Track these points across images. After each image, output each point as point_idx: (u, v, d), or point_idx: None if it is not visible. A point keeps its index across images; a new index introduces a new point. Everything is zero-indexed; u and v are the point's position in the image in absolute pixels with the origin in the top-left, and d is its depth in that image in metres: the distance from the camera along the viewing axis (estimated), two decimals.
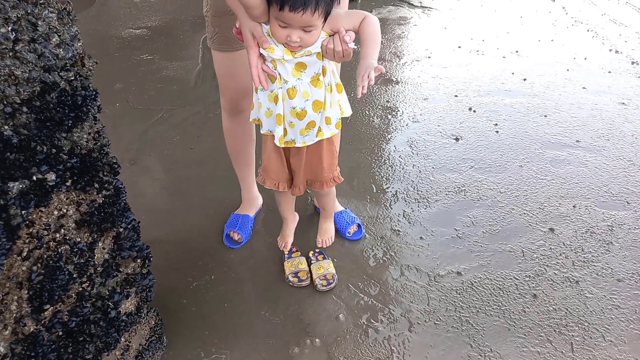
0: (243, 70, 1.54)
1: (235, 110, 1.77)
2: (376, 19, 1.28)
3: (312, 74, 1.31)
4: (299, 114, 1.34)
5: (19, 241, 0.92)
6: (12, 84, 0.85)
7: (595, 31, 3.93)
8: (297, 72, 1.30)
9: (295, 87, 1.31)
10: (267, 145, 1.49)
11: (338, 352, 1.58)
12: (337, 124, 1.43)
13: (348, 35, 1.24)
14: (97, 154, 1.07)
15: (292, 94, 1.31)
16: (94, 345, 1.19)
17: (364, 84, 1.20)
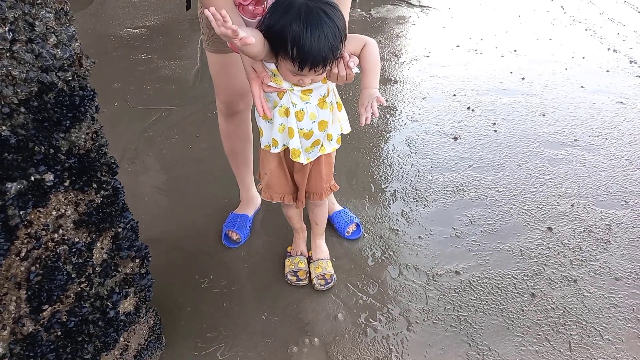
0: (238, 72, 1.55)
1: (232, 112, 1.77)
2: (376, 45, 1.32)
3: (318, 96, 1.35)
4: (306, 134, 1.39)
5: (17, 241, 0.92)
6: (10, 84, 0.85)
7: (593, 30, 3.93)
8: (305, 97, 1.34)
9: (303, 110, 1.35)
10: (269, 162, 1.52)
11: (337, 352, 1.58)
12: (338, 140, 1.50)
13: (352, 61, 1.27)
14: (95, 154, 1.07)
15: (300, 116, 1.35)
16: (93, 345, 1.19)
17: (368, 115, 1.26)
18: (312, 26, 1.11)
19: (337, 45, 1.16)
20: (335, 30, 1.14)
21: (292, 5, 1.12)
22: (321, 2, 1.14)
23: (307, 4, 1.13)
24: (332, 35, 1.13)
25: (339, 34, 1.16)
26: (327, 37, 1.12)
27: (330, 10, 1.14)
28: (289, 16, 1.12)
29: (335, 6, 1.18)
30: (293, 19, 1.11)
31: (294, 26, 1.11)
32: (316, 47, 1.12)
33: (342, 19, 1.19)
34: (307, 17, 1.11)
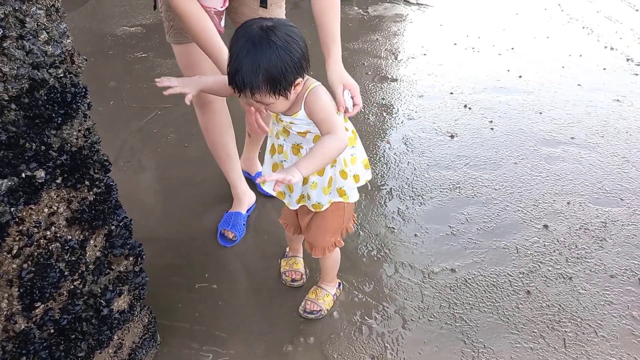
0: (202, 60, 1.57)
1: (203, 102, 1.79)
2: (339, 142, 1.19)
3: (293, 141, 1.32)
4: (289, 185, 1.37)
5: (8, 239, 0.92)
6: (0, 81, 0.85)
7: (590, 28, 3.93)
8: (283, 134, 1.33)
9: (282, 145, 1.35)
10: None
11: (332, 350, 1.58)
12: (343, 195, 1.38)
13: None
14: (88, 151, 1.07)
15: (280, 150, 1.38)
16: (87, 343, 1.19)
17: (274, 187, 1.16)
18: (248, 49, 1.08)
19: (273, 76, 1.08)
20: (276, 62, 1.07)
21: (247, 29, 1.10)
22: (278, 33, 1.09)
23: (260, 30, 1.08)
24: (268, 63, 1.07)
25: (282, 67, 1.08)
26: (260, 63, 1.07)
27: (283, 42, 1.08)
28: (239, 38, 1.10)
29: (297, 41, 1.11)
30: (239, 40, 1.09)
31: (235, 47, 1.10)
32: (244, 70, 1.07)
33: (298, 53, 1.11)
34: (249, 41, 1.08)
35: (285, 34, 1.09)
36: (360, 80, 3.17)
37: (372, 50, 3.60)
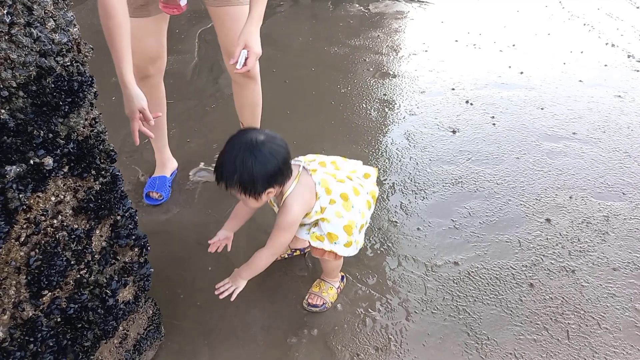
0: (151, 37, 1.75)
1: (143, 75, 1.86)
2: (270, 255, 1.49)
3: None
4: None
5: (16, 226, 0.92)
6: (8, 68, 0.85)
7: (591, 25, 3.93)
8: None
9: None
10: None
11: (336, 341, 1.59)
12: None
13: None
14: (94, 140, 1.07)
15: None
16: (92, 333, 1.19)
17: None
18: (235, 153, 1.28)
19: (245, 182, 1.28)
20: (251, 172, 1.27)
21: (242, 136, 1.31)
22: (263, 150, 1.28)
23: (250, 141, 1.28)
24: (243, 171, 1.27)
25: (254, 178, 1.28)
26: (237, 168, 1.27)
27: (264, 158, 1.28)
28: (234, 139, 1.32)
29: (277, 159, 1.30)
30: (233, 141, 1.32)
31: (227, 145, 1.32)
32: (224, 168, 1.30)
33: (273, 170, 1.30)
34: (239, 146, 1.29)
35: (268, 151, 1.29)
36: (362, 77, 3.18)
37: (373, 46, 3.60)
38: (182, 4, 1.71)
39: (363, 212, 1.52)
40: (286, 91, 3.00)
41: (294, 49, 3.55)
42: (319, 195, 1.45)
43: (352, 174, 1.56)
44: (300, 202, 1.41)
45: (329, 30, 3.85)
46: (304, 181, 1.45)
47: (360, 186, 1.53)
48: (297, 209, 1.41)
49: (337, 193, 1.46)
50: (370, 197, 1.57)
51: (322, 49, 3.54)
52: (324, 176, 1.48)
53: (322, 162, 1.54)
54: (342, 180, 1.50)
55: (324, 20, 4.03)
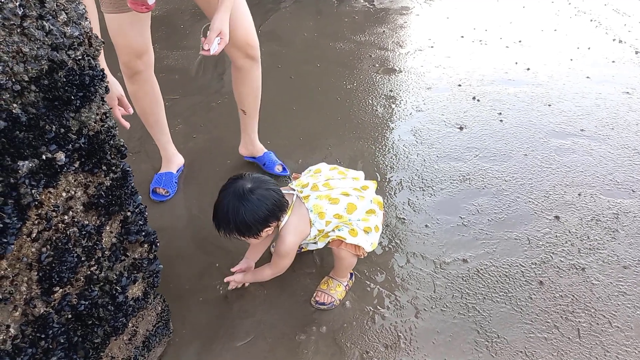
0: (134, 31, 1.74)
1: (132, 72, 1.85)
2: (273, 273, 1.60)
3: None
4: None
5: (28, 222, 0.91)
6: (20, 61, 0.84)
7: (598, 21, 3.90)
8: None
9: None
10: None
11: (345, 339, 1.58)
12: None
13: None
14: (105, 135, 1.06)
15: None
16: (103, 329, 1.18)
17: None
18: (227, 201, 1.38)
19: (239, 228, 1.39)
20: (243, 219, 1.37)
21: (233, 184, 1.41)
22: (252, 197, 1.37)
23: (241, 190, 1.38)
24: (236, 219, 1.37)
25: (247, 224, 1.38)
26: (230, 218, 1.38)
27: (253, 205, 1.37)
28: (227, 188, 1.41)
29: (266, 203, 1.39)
30: (226, 190, 1.41)
31: (221, 194, 1.42)
32: (219, 217, 1.40)
33: (264, 213, 1.39)
34: (231, 195, 1.38)
35: (257, 198, 1.38)
36: (368, 73, 3.16)
37: (378, 42, 3.58)
38: (150, 2, 1.70)
39: (367, 219, 1.55)
40: (291, 87, 2.99)
41: (299, 45, 3.53)
42: (312, 221, 1.51)
43: (350, 188, 1.57)
44: (293, 232, 1.50)
45: (333, 26, 3.83)
46: (297, 211, 1.51)
47: (358, 198, 1.55)
48: (291, 239, 1.49)
49: (331, 215, 1.51)
50: (375, 204, 1.59)
51: (327, 45, 3.52)
52: (316, 201, 1.52)
53: (314, 186, 1.56)
54: (336, 200, 1.52)
55: (328, 16, 4.00)
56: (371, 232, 1.55)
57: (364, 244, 1.52)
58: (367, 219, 1.55)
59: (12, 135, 0.84)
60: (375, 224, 1.56)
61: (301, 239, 1.54)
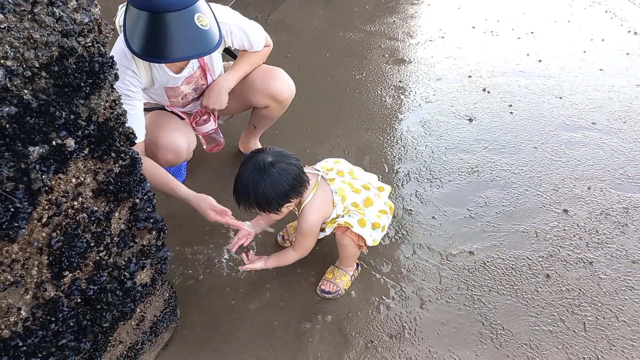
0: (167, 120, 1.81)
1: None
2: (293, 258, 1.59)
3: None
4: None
5: (38, 207, 0.92)
6: (31, 48, 0.84)
7: (613, 12, 3.83)
8: None
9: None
10: None
11: (349, 328, 1.59)
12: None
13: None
14: (114, 122, 1.06)
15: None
16: (111, 314, 1.20)
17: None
18: (247, 176, 1.37)
19: (260, 203, 1.38)
20: (263, 194, 1.36)
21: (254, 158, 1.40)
22: (273, 170, 1.36)
23: (261, 163, 1.37)
24: (256, 193, 1.36)
25: (267, 198, 1.37)
26: (250, 192, 1.37)
27: (274, 179, 1.36)
28: (247, 162, 1.41)
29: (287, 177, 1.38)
30: (246, 164, 1.40)
31: (241, 169, 1.41)
32: (239, 192, 1.40)
33: (284, 188, 1.38)
34: (251, 168, 1.38)
35: (278, 172, 1.37)
36: (377, 63, 3.14)
37: (389, 32, 3.55)
38: (221, 140, 1.97)
39: (379, 216, 1.56)
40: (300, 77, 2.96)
41: (308, 35, 3.51)
42: (335, 203, 1.51)
43: (370, 184, 1.59)
44: (316, 210, 1.49)
45: (343, 15, 3.80)
46: (321, 190, 1.51)
47: (376, 196, 1.57)
48: (314, 217, 1.49)
49: (350, 202, 1.52)
50: (387, 207, 1.61)
51: (336, 35, 3.49)
52: (341, 185, 1.52)
53: (340, 172, 1.57)
54: (358, 190, 1.54)
55: (338, 6, 3.97)
56: (378, 229, 1.55)
57: (367, 237, 1.52)
58: (380, 216, 1.56)
59: (22, 121, 0.85)
60: (384, 224, 1.57)
61: (323, 219, 1.53)
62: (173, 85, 1.72)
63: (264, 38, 1.81)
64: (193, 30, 1.40)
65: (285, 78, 1.90)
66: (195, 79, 1.76)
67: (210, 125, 1.89)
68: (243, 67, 1.83)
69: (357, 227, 1.51)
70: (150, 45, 1.38)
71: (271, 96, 1.88)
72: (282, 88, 1.88)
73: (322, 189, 1.52)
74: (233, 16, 1.70)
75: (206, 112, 1.87)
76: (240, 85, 1.85)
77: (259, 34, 1.78)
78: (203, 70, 1.74)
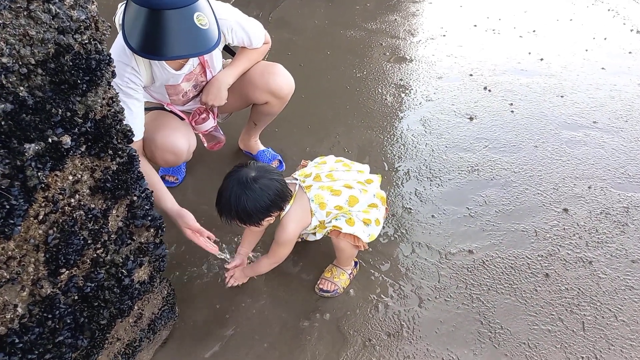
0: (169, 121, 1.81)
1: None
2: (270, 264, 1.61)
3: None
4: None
5: (35, 204, 0.92)
6: (27, 44, 0.84)
7: (616, 10, 3.81)
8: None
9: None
10: None
11: (348, 326, 1.59)
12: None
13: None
14: (111, 120, 1.06)
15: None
16: (108, 311, 1.20)
17: None
18: (230, 190, 1.39)
19: (241, 217, 1.40)
20: (244, 208, 1.38)
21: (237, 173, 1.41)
22: (255, 186, 1.38)
23: (244, 179, 1.38)
24: (238, 208, 1.38)
25: (248, 213, 1.39)
26: (231, 206, 1.39)
27: (256, 195, 1.37)
28: (230, 176, 1.42)
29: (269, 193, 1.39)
30: (230, 178, 1.42)
31: (225, 182, 1.43)
32: (222, 205, 1.41)
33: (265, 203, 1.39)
34: (234, 184, 1.39)
35: (260, 187, 1.38)
36: (378, 61, 3.13)
37: (390, 30, 3.54)
38: (222, 138, 1.97)
39: (368, 211, 1.55)
40: (301, 75, 2.96)
41: (309, 32, 3.50)
42: (313, 211, 1.51)
43: (353, 181, 1.56)
44: (295, 220, 1.50)
45: (345, 13, 3.79)
46: (298, 200, 1.52)
47: (361, 192, 1.54)
48: (292, 227, 1.50)
49: (332, 206, 1.51)
50: (377, 199, 1.59)
51: (337, 33, 3.49)
52: (318, 192, 1.52)
53: (317, 177, 1.56)
54: (338, 192, 1.52)
55: (339, 3, 3.96)
56: (371, 224, 1.55)
57: (360, 234, 1.52)
58: (368, 211, 1.55)
59: (18, 118, 0.85)
60: (376, 217, 1.56)
61: (302, 228, 1.54)
62: (174, 83, 1.72)
63: (263, 35, 1.81)
64: (192, 29, 1.40)
65: (284, 74, 1.89)
66: (195, 76, 1.76)
67: (210, 123, 1.89)
68: (242, 63, 1.83)
69: (346, 228, 1.51)
70: (148, 42, 1.38)
71: (271, 92, 1.88)
72: (281, 84, 1.87)
73: (300, 198, 1.52)
74: (233, 13, 1.70)
75: (205, 110, 1.87)
76: (239, 81, 1.85)
77: (259, 31, 1.78)
78: (203, 67, 1.74)
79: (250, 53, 1.83)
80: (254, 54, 1.84)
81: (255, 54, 1.84)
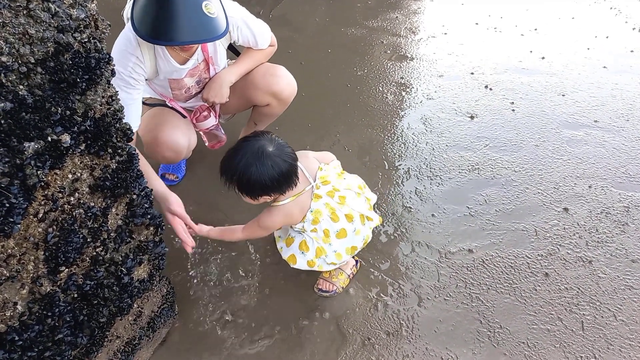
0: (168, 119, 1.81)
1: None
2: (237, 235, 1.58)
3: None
4: None
5: (34, 202, 0.92)
6: (27, 43, 0.84)
7: (618, 9, 3.80)
8: None
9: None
10: None
11: (347, 325, 1.59)
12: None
13: None
14: (111, 118, 1.06)
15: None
16: (108, 309, 1.21)
17: None
18: (240, 156, 1.36)
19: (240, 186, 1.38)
20: (248, 180, 1.35)
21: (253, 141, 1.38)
22: (267, 162, 1.34)
23: (258, 150, 1.35)
24: (241, 177, 1.35)
25: (251, 185, 1.36)
26: (235, 172, 1.36)
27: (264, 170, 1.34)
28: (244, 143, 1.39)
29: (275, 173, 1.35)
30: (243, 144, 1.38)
31: (237, 145, 1.40)
32: (226, 167, 1.38)
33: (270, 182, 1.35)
34: (246, 150, 1.36)
35: (271, 164, 1.35)
36: (379, 59, 3.13)
37: (391, 28, 3.53)
38: (223, 137, 1.98)
39: (339, 253, 1.53)
40: (302, 73, 2.96)
41: (310, 30, 3.50)
42: (305, 219, 1.49)
43: (357, 213, 1.53)
44: (283, 216, 1.48)
45: (346, 11, 3.78)
46: (301, 201, 1.48)
47: (355, 232, 1.52)
48: (279, 219, 1.49)
49: (322, 228, 1.50)
50: (360, 242, 1.55)
51: (338, 31, 3.48)
52: (322, 208, 1.48)
53: (330, 193, 1.50)
54: (337, 218, 1.49)
55: (341, 1, 3.95)
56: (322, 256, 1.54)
57: (300, 264, 1.54)
58: (340, 255, 1.53)
59: (18, 117, 0.85)
60: (343, 259, 1.55)
61: (287, 224, 1.54)
62: (177, 77, 1.72)
63: (269, 37, 1.81)
64: (200, 16, 1.41)
65: (287, 76, 1.89)
66: (199, 72, 1.76)
67: (211, 122, 1.89)
68: (246, 63, 1.83)
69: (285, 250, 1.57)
70: (155, 27, 1.38)
71: (273, 94, 1.88)
72: (283, 86, 1.87)
73: (303, 200, 1.48)
74: (240, 12, 1.70)
75: (206, 108, 1.87)
76: (241, 82, 1.85)
77: (265, 32, 1.78)
78: (207, 63, 1.74)
79: (255, 54, 1.83)
80: (259, 55, 1.84)
81: (259, 55, 1.84)
